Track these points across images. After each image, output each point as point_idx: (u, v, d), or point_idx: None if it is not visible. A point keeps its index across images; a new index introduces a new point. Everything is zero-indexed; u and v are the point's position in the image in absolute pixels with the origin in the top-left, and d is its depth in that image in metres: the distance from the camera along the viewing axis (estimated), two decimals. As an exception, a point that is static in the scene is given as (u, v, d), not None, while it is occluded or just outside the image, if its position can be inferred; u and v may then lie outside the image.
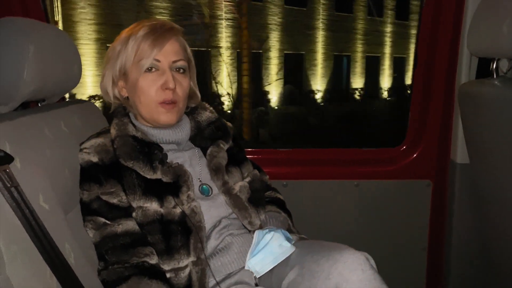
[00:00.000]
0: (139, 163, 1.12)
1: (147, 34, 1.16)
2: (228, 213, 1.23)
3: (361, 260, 0.96)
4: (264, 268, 1.12)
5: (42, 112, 1.16)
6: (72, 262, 0.94)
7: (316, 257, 1.00)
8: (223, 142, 1.31)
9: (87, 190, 1.11)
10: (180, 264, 1.09)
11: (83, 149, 1.15)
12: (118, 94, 1.24)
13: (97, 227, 1.09)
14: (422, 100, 1.83)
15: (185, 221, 1.11)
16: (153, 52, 1.14)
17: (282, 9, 14.83)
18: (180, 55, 1.19)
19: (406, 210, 1.93)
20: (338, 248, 1.00)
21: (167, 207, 1.12)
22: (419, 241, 1.95)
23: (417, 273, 1.97)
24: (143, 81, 1.16)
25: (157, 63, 1.16)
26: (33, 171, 0.95)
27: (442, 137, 1.81)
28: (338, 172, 1.91)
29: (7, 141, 0.90)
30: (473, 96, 1.47)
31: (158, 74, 1.16)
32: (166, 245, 1.09)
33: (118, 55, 1.19)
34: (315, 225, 1.87)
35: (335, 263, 0.95)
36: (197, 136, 1.31)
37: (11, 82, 1.02)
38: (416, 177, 1.89)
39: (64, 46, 1.26)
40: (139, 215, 1.10)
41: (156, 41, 1.15)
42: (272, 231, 1.16)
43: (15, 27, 1.05)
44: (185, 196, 1.14)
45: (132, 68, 1.17)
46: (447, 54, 1.70)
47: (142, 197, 1.11)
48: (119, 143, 1.14)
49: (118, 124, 1.18)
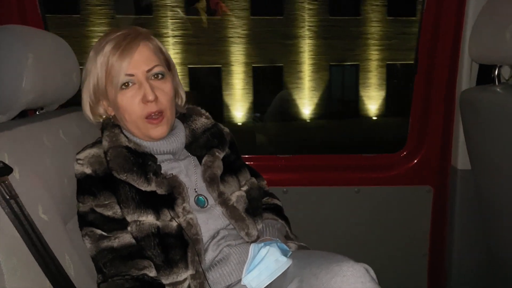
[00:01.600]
0: (133, 175, 1.09)
1: (113, 49, 1.09)
2: (225, 224, 1.19)
3: (361, 272, 0.94)
4: (260, 284, 1.09)
5: (40, 121, 1.14)
6: (71, 274, 0.92)
7: (315, 270, 0.98)
8: (218, 150, 1.26)
9: (82, 202, 1.09)
10: (178, 277, 1.07)
11: (78, 160, 1.12)
12: (104, 113, 1.20)
13: (93, 240, 1.06)
14: (423, 106, 1.82)
15: (182, 234, 1.08)
16: (122, 67, 1.08)
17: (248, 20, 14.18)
18: (154, 61, 1.12)
19: (407, 216, 1.92)
20: (337, 260, 0.97)
21: (164, 220, 1.09)
22: (420, 247, 1.94)
23: (418, 279, 1.96)
24: (122, 99, 1.11)
25: (131, 77, 1.10)
26: (32, 182, 0.94)
27: (443, 143, 1.81)
28: (339, 179, 1.90)
29: (6, 152, 0.89)
30: (474, 102, 1.47)
31: (136, 88, 1.11)
32: (165, 258, 1.07)
33: (89, 76, 1.14)
34: (316, 232, 1.86)
35: (334, 276, 0.93)
36: (193, 144, 1.27)
37: (10, 91, 1.01)
38: (417, 183, 1.88)
39: (63, 53, 1.25)
40: (133, 229, 1.07)
41: (123, 54, 1.08)
42: (268, 246, 1.13)
43: (14, 35, 1.03)
44: (181, 209, 1.11)
45: (108, 86, 1.12)
46: (448, 60, 1.70)
47: (137, 211, 1.08)
48: (112, 155, 1.10)
49: (109, 136, 1.13)
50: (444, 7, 1.67)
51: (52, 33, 1.30)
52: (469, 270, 1.79)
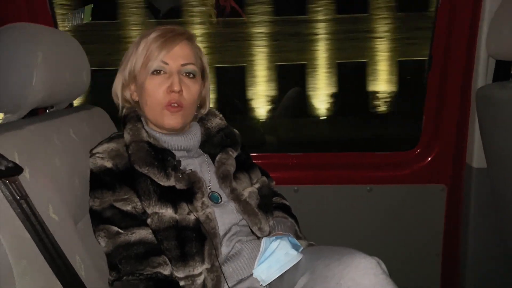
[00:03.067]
0: (154, 170, 1.11)
1: (157, 37, 1.15)
2: (238, 219, 1.21)
3: (373, 264, 0.94)
4: (270, 276, 1.11)
5: (50, 120, 1.14)
6: (82, 275, 0.91)
7: (327, 261, 0.98)
8: (232, 149, 1.30)
9: (99, 197, 1.09)
10: (194, 271, 1.07)
11: (96, 153, 1.12)
12: (129, 98, 1.24)
13: (110, 236, 1.06)
14: (437, 103, 1.79)
15: (199, 227, 1.10)
16: (160, 54, 1.13)
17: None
18: (190, 59, 1.18)
19: (420, 215, 1.89)
20: (349, 253, 0.98)
21: (182, 214, 1.10)
22: (433, 247, 1.91)
23: (431, 280, 1.93)
24: (149, 83, 1.15)
25: (165, 66, 1.15)
26: (42, 182, 0.93)
27: (457, 141, 1.77)
28: (350, 177, 1.88)
29: (16, 152, 0.88)
30: (491, 99, 1.43)
31: (165, 77, 1.15)
32: (181, 252, 1.07)
33: (129, 58, 1.19)
34: (327, 231, 1.84)
35: (346, 267, 0.93)
36: (207, 142, 1.30)
37: (20, 89, 1.00)
38: (431, 182, 1.85)
39: (73, 52, 1.24)
40: (154, 220, 1.08)
41: (165, 43, 1.14)
42: (279, 239, 1.15)
43: (23, 33, 1.03)
44: (200, 203, 1.13)
45: (141, 70, 1.16)
46: (464, 56, 1.66)
47: (158, 203, 1.09)
48: (134, 149, 1.12)
49: (132, 129, 1.16)
50: (460, 1, 1.62)
51: (62, 31, 1.29)
52: (484, 271, 1.76)
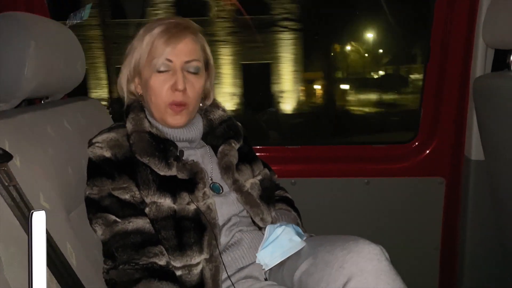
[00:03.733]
0: (155, 160, 1.11)
1: (162, 33, 1.14)
2: (239, 210, 1.22)
3: (377, 250, 0.94)
4: (273, 261, 1.12)
5: (44, 110, 1.14)
6: (73, 263, 0.91)
7: (329, 248, 0.99)
8: (234, 141, 1.30)
9: (98, 185, 1.09)
10: (192, 261, 1.08)
11: (95, 143, 1.12)
12: (134, 90, 1.24)
13: (107, 224, 1.07)
14: (435, 94, 1.77)
15: (199, 218, 1.10)
16: (165, 51, 1.13)
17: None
18: (195, 55, 1.17)
19: (418, 208, 1.88)
20: (353, 239, 0.98)
21: (181, 204, 1.10)
22: (431, 240, 1.90)
23: (430, 273, 1.92)
24: (154, 81, 1.15)
25: (169, 63, 1.14)
26: (34, 170, 0.93)
27: (456, 133, 1.76)
28: (348, 170, 1.87)
29: (6, 139, 0.88)
30: (489, 89, 1.42)
31: (170, 75, 1.15)
32: (179, 241, 1.08)
33: (134, 52, 1.18)
34: (324, 224, 1.82)
35: (349, 252, 0.94)
36: (209, 134, 1.30)
37: (12, 79, 1.00)
38: (429, 174, 1.84)
39: (67, 42, 1.24)
40: (153, 210, 1.09)
41: (169, 40, 1.13)
42: (283, 226, 1.16)
43: (16, 22, 1.02)
44: (201, 193, 1.13)
45: (145, 66, 1.16)
46: (462, 45, 1.64)
47: (157, 193, 1.10)
48: (135, 139, 1.12)
49: (134, 119, 1.17)
50: None
51: (57, 22, 1.29)
52: (482, 263, 1.75)
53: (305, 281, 1.00)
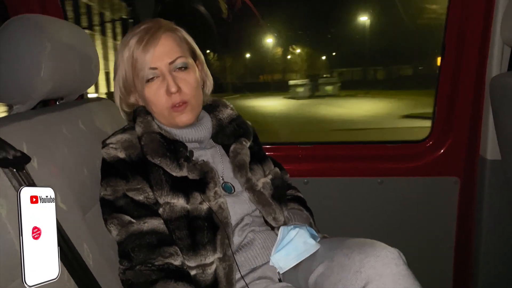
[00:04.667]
0: (166, 160, 1.11)
1: (137, 43, 1.14)
2: (252, 210, 1.22)
3: (395, 255, 0.94)
4: (288, 264, 1.12)
5: (59, 111, 1.15)
6: (90, 264, 0.92)
7: (346, 251, 0.99)
8: (245, 139, 1.30)
9: (113, 186, 1.10)
10: (206, 260, 1.08)
11: (109, 144, 1.13)
12: (135, 103, 1.24)
13: (122, 225, 1.07)
14: (450, 93, 1.75)
15: (212, 217, 1.10)
16: (146, 60, 1.13)
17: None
18: (176, 52, 1.16)
19: (432, 208, 1.86)
20: (370, 243, 0.98)
21: (193, 203, 1.11)
22: (445, 240, 1.88)
23: (444, 273, 1.90)
24: (148, 91, 1.16)
25: (155, 71, 1.14)
26: (50, 171, 0.94)
27: (471, 132, 1.73)
28: (361, 169, 1.86)
29: (24, 141, 0.89)
30: (506, 88, 1.39)
31: (160, 80, 1.15)
32: (192, 241, 1.08)
33: (118, 69, 1.19)
34: (337, 224, 1.82)
35: (367, 256, 0.94)
36: (219, 133, 1.30)
37: (28, 80, 1.01)
38: (443, 174, 1.82)
39: (82, 43, 1.24)
40: (166, 210, 1.09)
41: (146, 47, 1.13)
42: (297, 228, 1.16)
43: (32, 24, 1.03)
44: (212, 193, 1.13)
45: (134, 79, 1.17)
46: (478, 43, 1.61)
47: (170, 193, 1.10)
48: (146, 140, 1.13)
49: (143, 122, 1.17)
50: None
51: (72, 23, 1.30)
52: (497, 264, 1.73)
53: (321, 284, 1.00)
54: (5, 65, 1.01)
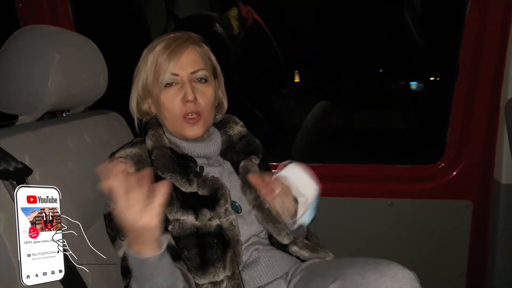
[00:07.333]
0: (176, 176, 1.10)
1: (163, 49, 1.14)
2: (259, 230, 1.20)
3: (411, 276, 0.93)
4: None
5: (65, 123, 1.13)
6: (89, 282, 0.89)
7: (361, 270, 0.96)
8: (255, 157, 1.29)
9: None
10: (215, 278, 1.06)
11: (118, 158, 1.11)
12: (148, 110, 1.23)
13: None
14: (464, 114, 1.71)
15: (222, 234, 1.08)
16: (169, 66, 1.13)
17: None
18: (199, 65, 1.16)
19: (443, 232, 1.81)
20: (386, 263, 0.96)
21: (202, 220, 1.09)
22: (457, 267, 1.82)
23: None
24: (164, 96, 1.14)
25: (175, 77, 1.14)
26: (52, 184, 0.91)
27: (484, 155, 1.69)
28: (371, 190, 1.82)
29: (27, 153, 0.87)
30: None
31: (178, 88, 1.14)
32: (202, 259, 1.06)
33: (140, 73, 1.19)
34: (345, 245, 1.77)
35: (382, 276, 0.92)
36: (229, 150, 1.29)
37: (35, 91, 1.00)
38: (455, 197, 1.77)
39: (90, 55, 1.24)
40: (176, 228, 1.07)
41: (171, 54, 1.13)
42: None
43: (41, 34, 1.03)
44: (223, 209, 1.11)
45: (153, 84, 1.16)
46: (493, 65, 1.58)
47: (180, 210, 1.08)
48: (157, 155, 1.11)
49: (154, 136, 1.16)
50: (490, 8, 1.55)
51: (81, 35, 1.29)
52: None
53: None
54: (12, 75, 1.00)
